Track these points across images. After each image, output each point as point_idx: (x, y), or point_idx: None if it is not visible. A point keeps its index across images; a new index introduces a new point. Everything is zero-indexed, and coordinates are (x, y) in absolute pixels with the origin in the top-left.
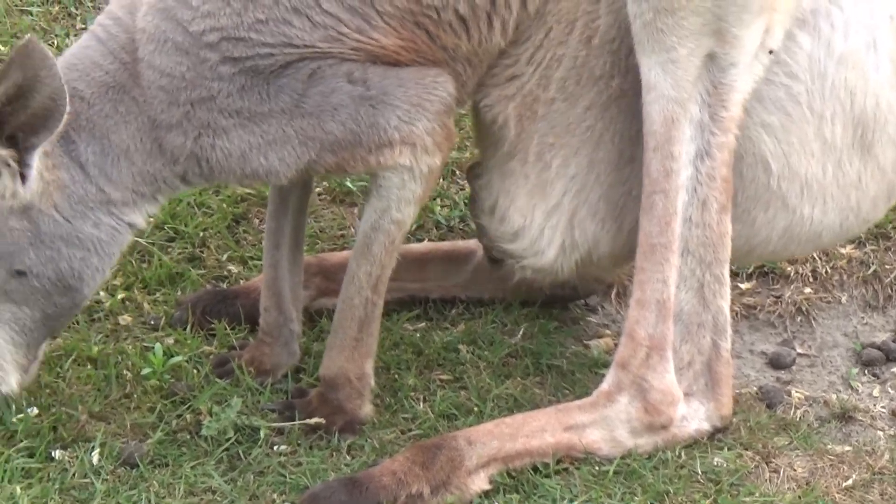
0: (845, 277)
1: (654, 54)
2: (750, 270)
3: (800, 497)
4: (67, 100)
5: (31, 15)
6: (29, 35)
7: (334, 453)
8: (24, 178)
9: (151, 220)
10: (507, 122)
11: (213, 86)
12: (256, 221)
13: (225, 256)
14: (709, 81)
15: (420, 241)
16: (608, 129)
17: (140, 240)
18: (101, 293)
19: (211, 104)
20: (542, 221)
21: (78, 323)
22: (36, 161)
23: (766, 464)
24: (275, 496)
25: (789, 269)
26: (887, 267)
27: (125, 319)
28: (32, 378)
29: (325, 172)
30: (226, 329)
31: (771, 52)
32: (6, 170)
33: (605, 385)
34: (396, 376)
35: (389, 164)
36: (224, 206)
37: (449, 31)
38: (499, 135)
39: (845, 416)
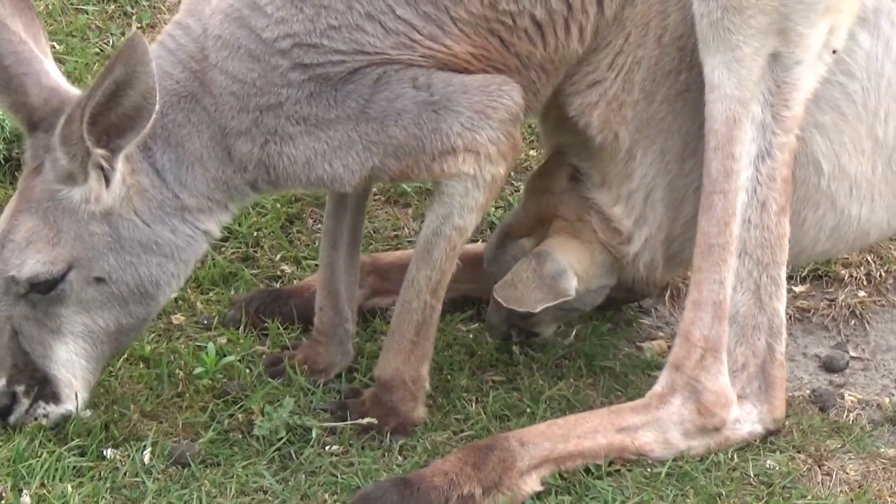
0: None
1: (718, 53)
2: (804, 273)
3: (852, 500)
4: (157, 101)
5: (87, 13)
6: (135, 30)
7: (386, 454)
8: (107, 181)
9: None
10: (592, 129)
11: (283, 92)
12: (310, 222)
13: (278, 256)
14: (772, 81)
15: (474, 242)
16: (675, 121)
17: None
18: None
19: (279, 111)
20: (625, 195)
21: None
22: (119, 165)
23: (819, 467)
24: (326, 496)
25: (843, 272)
26: None
27: (178, 319)
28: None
29: (389, 180)
30: (279, 329)
31: (834, 51)
32: (95, 172)
33: (659, 387)
34: (449, 377)
35: (453, 171)
36: (278, 206)
37: (524, 38)
38: (588, 140)
39: None
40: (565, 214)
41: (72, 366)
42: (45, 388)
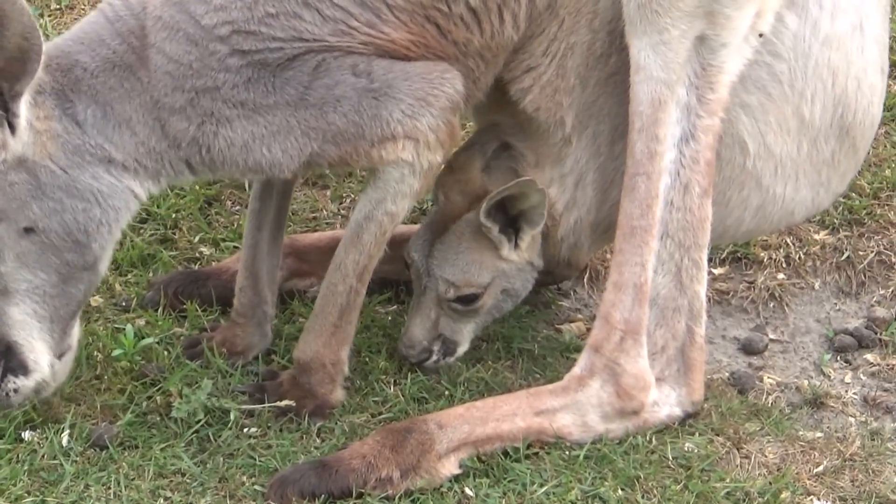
0: (818, 263)
1: (645, 36)
2: (723, 256)
3: (770, 483)
4: (41, 39)
5: None
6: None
7: (304, 436)
8: (12, 127)
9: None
10: (536, 113)
11: (220, 77)
12: (229, 203)
13: (197, 238)
14: (698, 63)
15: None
16: (606, 104)
17: None
18: None
19: (215, 94)
20: (558, 178)
21: None
22: (23, 110)
23: (737, 449)
24: (244, 479)
25: (763, 254)
26: (861, 253)
27: (96, 301)
28: (68, 369)
29: (328, 166)
30: (197, 311)
31: (761, 35)
32: None
33: (577, 369)
34: (367, 359)
35: (391, 158)
36: (196, 187)
37: (460, 25)
38: (526, 121)
39: (817, 403)
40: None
41: (29, 327)
42: (10, 359)
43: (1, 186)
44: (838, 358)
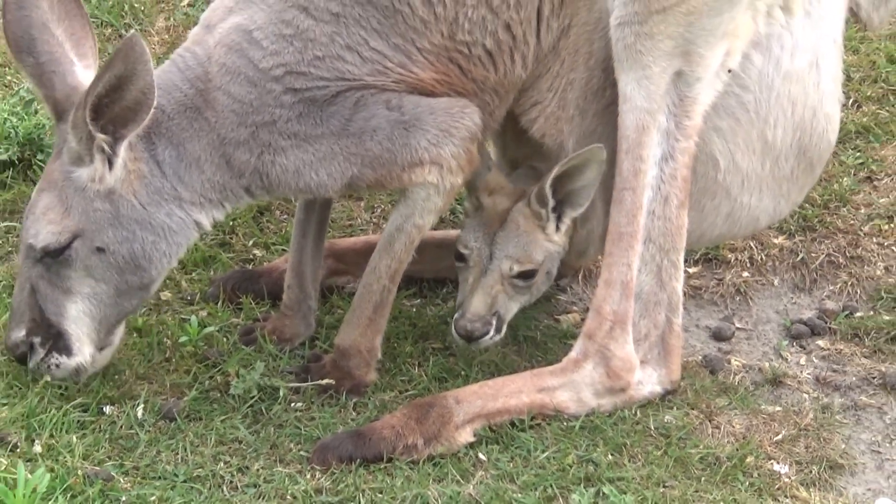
0: (777, 263)
1: (631, 71)
2: (696, 257)
3: (737, 449)
4: (156, 95)
5: None
6: (133, 31)
7: (342, 410)
8: (111, 164)
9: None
10: (544, 139)
11: (276, 112)
12: (278, 213)
13: (251, 242)
14: (676, 95)
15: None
16: (605, 131)
17: None
18: None
19: (272, 127)
20: None
21: None
22: (122, 151)
23: (709, 421)
24: (291, 446)
25: (730, 256)
26: (813, 255)
27: (166, 295)
28: (107, 360)
29: (366, 188)
30: (251, 303)
31: (730, 70)
32: (100, 155)
33: (574, 353)
34: (395, 345)
35: (419, 180)
36: None
37: (479, 65)
38: (542, 147)
39: (776, 381)
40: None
41: (81, 323)
42: (58, 341)
43: (87, 209)
44: (794, 344)
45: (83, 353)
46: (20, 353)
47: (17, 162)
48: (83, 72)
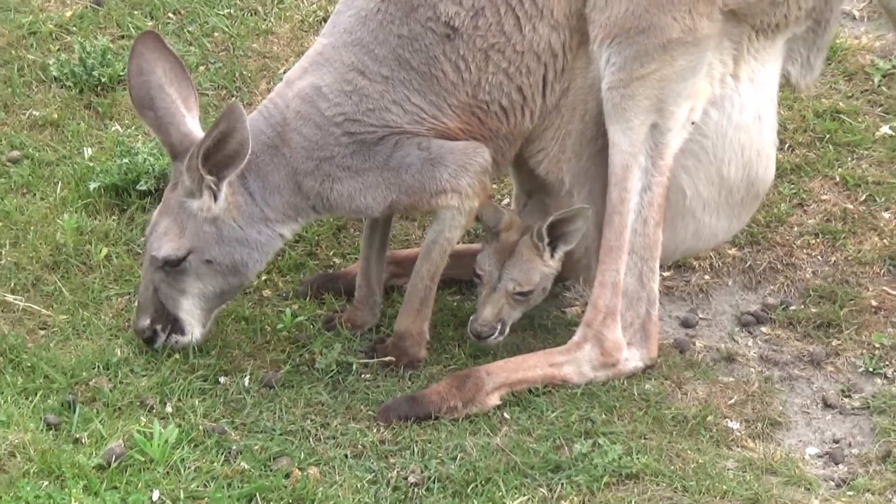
0: (731, 269)
1: (618, 123)
2: (669, 265)
3: (700, 410)
4: (250, 145)
5: (208, 95)
6: (234, 99)
7: (400, 380)
8: (216, 198)
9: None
10: (547, 177)
11: (335, 150)
12: (352, 230)
13: (332, 253)
14: (652, 141)
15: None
16: (598, 171)
17: None
18: None
19: (332, 161)
20: None
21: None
22: (224, 187)
23: (679, 389)
24: (362, 407)
25: (695, 263)
26: (758, 262)
27: (267, 293)
28: (206, 336)
29: (403, 210)
30: (332, 299)
31: (693, 122)
32: (207, 191)
33: (576, 337)
34: (441, 330)
35: (444, 205)
36: (331, 220)
37: (494, 118)
38: (545, 183)
39: (730, 359)
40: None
41: (192, 312)
42: (175, 326)
43: (198, 231)
44: (743, 330)
45: (194, 333)
46: (146, 336)
47: (153, 191)
48: (191, 121)
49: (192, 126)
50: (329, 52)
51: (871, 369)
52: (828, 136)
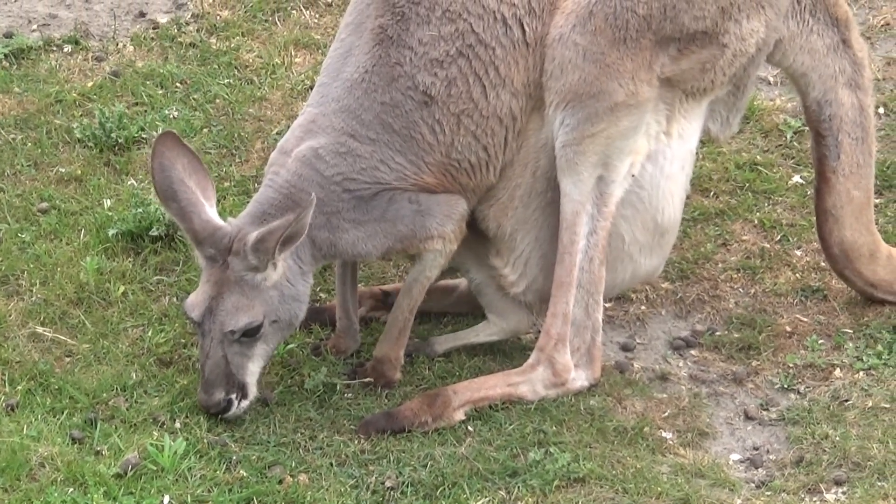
0: (664, 300)
1: (568, 177)
2: (611, 298)
3: (638, 423)
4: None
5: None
6: (312, 195)
7: (378, 398)
8: (274, 266)
9: None
10: (489, 221)
11: (339, 205)
12: (333, 270)
13: (318, 289)
14: (598, 191)
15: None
16: (547, 220)
17: None
18: None
19: (338, 215)
20: (513, 261)
21: None
22: (279, 258)
23: (620, 404)
24: (344, 422)
25: (633, 295)
26: (687, 294)
27: None
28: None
29: (397, 254)
30: (319, 329)
31: (633, 175)
32: (271, 265)
33: (531, 360)
34: (413, 356)
35: (429, 248)
36: None
37: (464, 174)
38: (487, 227)
39: (664, 378)
40: None
41: (255, 374)
42: (242, 391)
43: (265, 298)
44: (675, 353)
45: (254, 392)
46: (221, 409)
47: (164, 237)
48: (210, 210)
49: (212, 214)
50: (321, 120)
51: (785, 386)
52: (747, 184)
